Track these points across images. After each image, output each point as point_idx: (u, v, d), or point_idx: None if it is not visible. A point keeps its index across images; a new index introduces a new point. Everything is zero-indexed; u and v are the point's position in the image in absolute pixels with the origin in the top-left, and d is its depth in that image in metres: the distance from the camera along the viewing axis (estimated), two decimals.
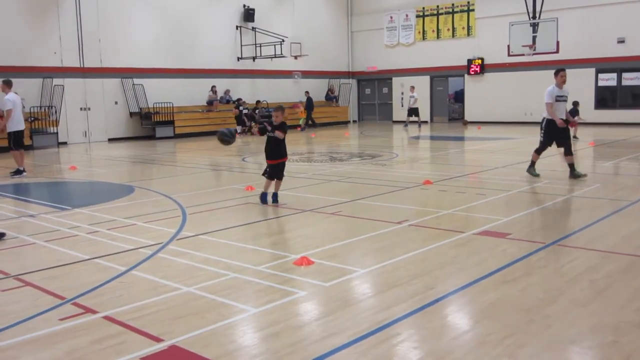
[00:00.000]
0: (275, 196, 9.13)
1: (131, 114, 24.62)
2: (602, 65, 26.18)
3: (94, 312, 4.66)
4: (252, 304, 4.77)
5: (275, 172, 9.12)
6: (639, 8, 24.70)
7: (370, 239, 6.83)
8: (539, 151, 11.30)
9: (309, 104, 29.01)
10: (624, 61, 25.60)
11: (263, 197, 9.16)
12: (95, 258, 6.27)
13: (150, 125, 24.60)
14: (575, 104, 19.56)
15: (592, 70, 26.43)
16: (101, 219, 8.26)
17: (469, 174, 12.43)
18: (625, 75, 25.87)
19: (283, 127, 9.14)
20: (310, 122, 28.92)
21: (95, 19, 23.08)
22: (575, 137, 19.00)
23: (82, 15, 22.75)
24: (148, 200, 9.75)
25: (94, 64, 23.13)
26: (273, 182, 9.17)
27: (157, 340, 4.09)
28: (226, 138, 9.20)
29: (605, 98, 26.07)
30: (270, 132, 9.10)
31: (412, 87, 28.60)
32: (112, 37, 23.49)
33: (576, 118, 19.09)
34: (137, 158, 17.33)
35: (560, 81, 10.98)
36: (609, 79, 26.25)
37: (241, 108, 26.02)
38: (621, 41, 25.53)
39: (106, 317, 4.54)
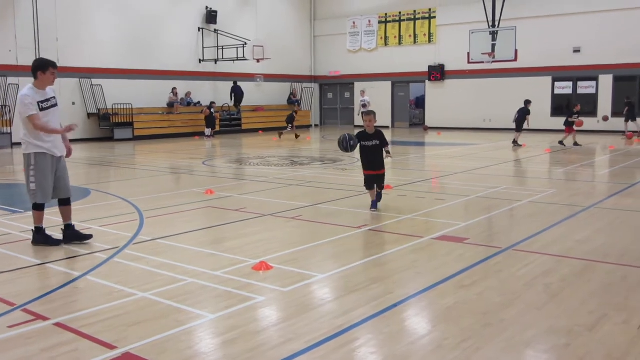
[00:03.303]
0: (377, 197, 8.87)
1: (89, 115, 24.16)
2: (558, 73, 26.82)
3: (45, 318, 4.53)
4: (209, 310, 4.71)
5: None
6: (594, 19, 25.41)
7: (330, 243, 6.82)
8: None
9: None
10: (580, 70, 26.28)
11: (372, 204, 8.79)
12: (48, 263, 6.11)
13: (108, 127, 24.18)
14: (527, 102, 20.10)
15: (549, 79, 27.06)
16: (55, 222, 8.04)
17: (429, 179, 12.55)
18: (580, 83, 26.56)
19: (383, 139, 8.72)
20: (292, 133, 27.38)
21: (53, 16, 22.58)
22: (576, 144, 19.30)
23: (39, 13, 22.21)
24: (104, 204, 9.56)
25: None
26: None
27: (111, 347, 3.99)
28: (345, 146, 8.70)
29: (561, 106, 26.67)
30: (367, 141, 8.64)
31: (363, 92, 28.67)
32: (70, 36, 23.01)
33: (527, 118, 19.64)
34: (94, 160, 17.00)
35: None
36: (565, 87, 26.92)
37: (212, 110, 25.80)
38: (577, 51, 26.21)
39: (58, 324, 4.41)
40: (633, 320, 4.42)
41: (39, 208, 6.75)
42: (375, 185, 8.74)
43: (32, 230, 6.86)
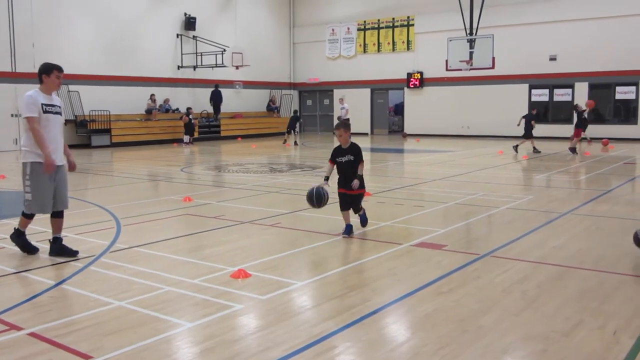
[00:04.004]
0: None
1: (66, 122, 23.72)
2: (535, 81, 27.18)
3: (19, 328, 4.45)
4: (187, 318, 4.66)
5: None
6: (570, 27, 25.80)
7: (308, 251, 6.81)
8: None
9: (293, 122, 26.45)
10: (556, 78, 26.65)
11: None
12: (23, 272, 6.01)
13: (85, 134, 23.94)
14: (531, 108, 20.19)
15: (526, 86, 27.40)
16: (30, 230, 7.91)
17: (408, 185, 12.60)
18: (556, 91, 26.95)
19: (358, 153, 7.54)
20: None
21: (29, 22, 22.33)
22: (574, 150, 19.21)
23: (14, 19, 21.97)
24: (81, 212, 9.43)
25: (27, 69, 22.30)
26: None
27: (87, 357, 3.94)
28: (312, 204, 7.71)
29: (538, 113, 26.96)
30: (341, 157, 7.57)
31: (341, 99, 28.75)
32: (47, 42, 22.75)
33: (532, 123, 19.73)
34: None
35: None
36: (541, 95, 27.27)
37: (191, 117, 25.66)
38: (553, 59, 26.58)
39: (32, 334, 4.34)
40: (608, 325, 4.47)
41: (28, 217, 6.57)
42: (352, 209, 7.62)
43: (14, 228, 6.71)
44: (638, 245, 6.26)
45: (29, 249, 6.65)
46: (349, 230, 7.49)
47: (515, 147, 19.71)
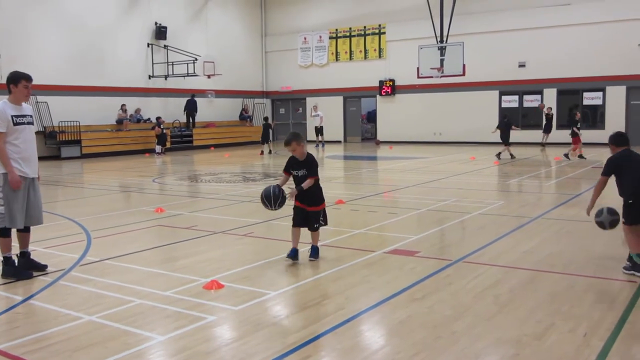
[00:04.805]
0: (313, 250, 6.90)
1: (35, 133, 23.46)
2: (505, 87, 27.54)
3: None
4: (158, 331, 4.60)
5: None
6: (538, 34, 26.21)
7: (282, 260, 6.77)
8: None
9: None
10: (525, 84, 27.05)
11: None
12: None
13: (55, 145, 23.59)
14: (505, 116, 20.55)
15: (496, 93, 27.75)
16: None
17: (381, 193, 12.65)
18: (526, 97, 27.34)
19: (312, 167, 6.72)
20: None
21: None
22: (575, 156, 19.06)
23: None
24: (50, 225, 9.25)
25: None
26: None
27: None
28: (268, 203, 6.66)
29: (509, 120, 27.30)
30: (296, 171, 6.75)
31: (315, 106, 28.78)
32: (14, 51, 22.34)
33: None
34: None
35: None
36: (511, 101, 27.65)
37: (162, 127, 25.42)
38: (522, 65, 26.98)
39: (0, 352, 4.25)
40: (579, 328, 4.52)
41: (4, 234, 6.17)
42: (307, 228, 6.75)
43: (0, 260, 6.32)
44: (600, 224, 6.35)
45: (25, 275, 6.19)
46: (293, 254, 6.62)
47: (498, 155, 19.93)
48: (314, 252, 6.80)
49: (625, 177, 6.04)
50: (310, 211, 6.68)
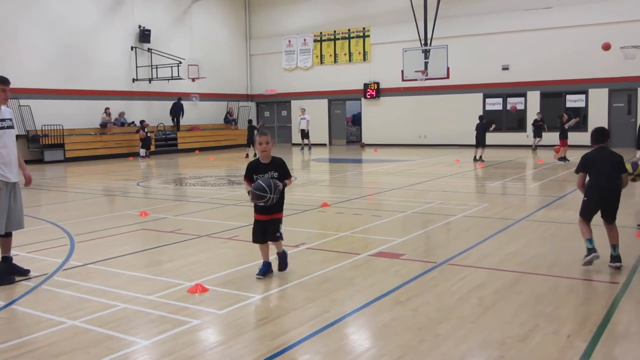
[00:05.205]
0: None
1: (17, 137, 23.16)
2: (489, 90, 27.72)
3: None
4: (142, 336, 4.57)
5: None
6: (521, 37, 26.43)
7: None
8: None
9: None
10: (509, 87, 27.24)
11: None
12: None
13: (38, 149, 23.37)
14: (481, 118, 20.64)
15: (480, 95, 27.92)
16: None
17: (366, 195, 12.66)
18: (510, 100, 27.52)
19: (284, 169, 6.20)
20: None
21: None
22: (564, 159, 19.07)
23: None
24: (32, 229, 9.16)
25: None
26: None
27: None
28: (260, 195, 5.88)
29: (487, 121, 27.50)
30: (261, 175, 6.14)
31: (303, 110, 28.79)
32: None
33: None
34: (22, 183, 16.34)
35: None
36: (495, 104, 27.83)
37: (146, 130, 25.25)
38: (505, 68, 27.18)
39: None
40: (563, 329, 4.55)
41: None
42: (269, 241, 6.15)
43: None
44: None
45: (6, 280, 6.07)
46: (264, 269, 6.09)
47: (475, 159, 19.95)
48: (283, 261, 6.28)
49: (591, 174, 6.38)
50: (270, 219, 6.06)
